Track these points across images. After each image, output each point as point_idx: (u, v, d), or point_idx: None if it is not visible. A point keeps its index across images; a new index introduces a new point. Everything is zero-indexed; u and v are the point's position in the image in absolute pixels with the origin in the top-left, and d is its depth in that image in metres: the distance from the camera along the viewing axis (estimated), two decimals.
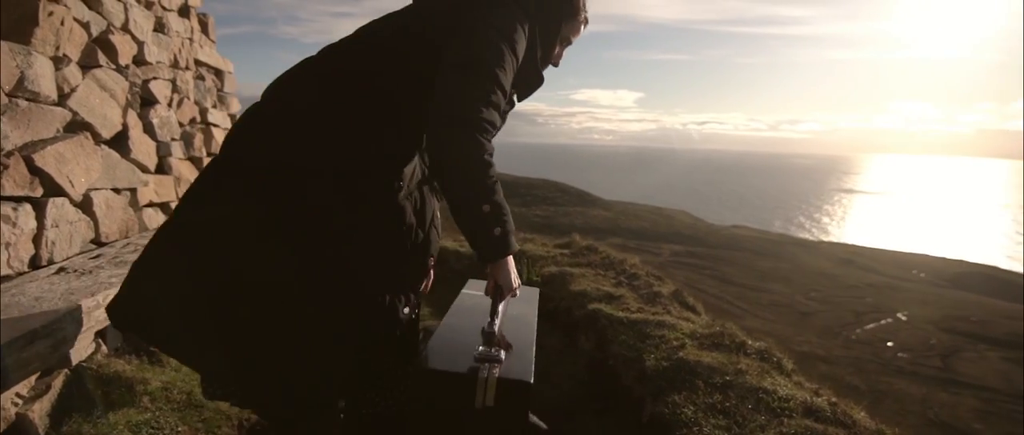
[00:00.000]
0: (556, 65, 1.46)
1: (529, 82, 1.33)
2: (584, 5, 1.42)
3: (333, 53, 1.23)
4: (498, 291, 1.26)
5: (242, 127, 1.24)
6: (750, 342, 2.38)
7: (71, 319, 1.27)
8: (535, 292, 1.91)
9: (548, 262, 3.77)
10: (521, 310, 1.64)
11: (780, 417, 1.82)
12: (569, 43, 1.45)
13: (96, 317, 1.40)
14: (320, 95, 1.17)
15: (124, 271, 1.76)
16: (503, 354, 1.24)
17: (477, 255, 1.20)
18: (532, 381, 1.19)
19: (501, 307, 1.32)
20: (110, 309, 1.16)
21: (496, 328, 1.28)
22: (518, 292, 1.29)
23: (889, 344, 14.72)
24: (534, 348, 1.39)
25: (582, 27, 1.44)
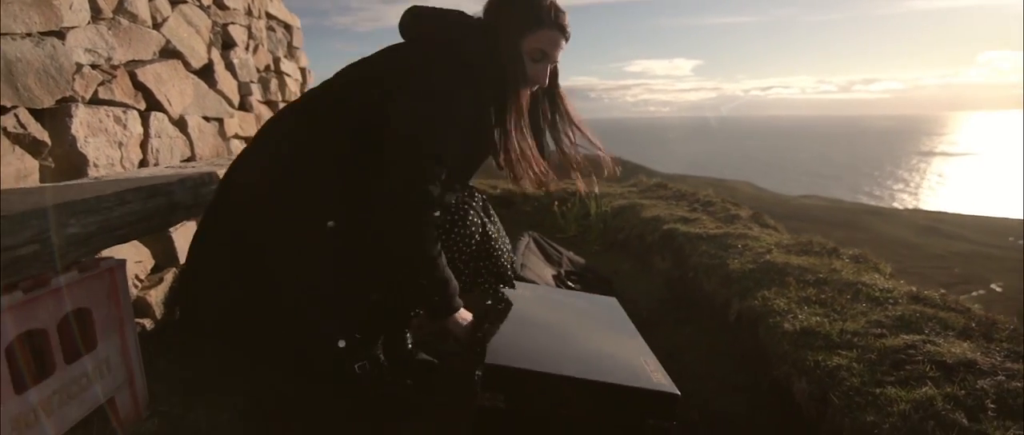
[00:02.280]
0: (542, 84, 1.36)
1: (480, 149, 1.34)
2: (549, 16, 1.30)
3: (307, 104, 1.34)
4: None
5: (240, 158, 1.36)
6: (843, 249, 2.26)
7: (181, 188, 1.36)
8: (613, 302, 1.75)
9: (616, 197, 3.71)
10: (616, 323, 1.55)
11: (883, 304, 1.71)
12: (548, 58, 1.33)
13: (203, 195, 1.49)
14: (290, 144, 1.28)
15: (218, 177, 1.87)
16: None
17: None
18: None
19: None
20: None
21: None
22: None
23: None
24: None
25: (561, 39, 1.32)
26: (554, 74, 1.42)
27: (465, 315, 1.30)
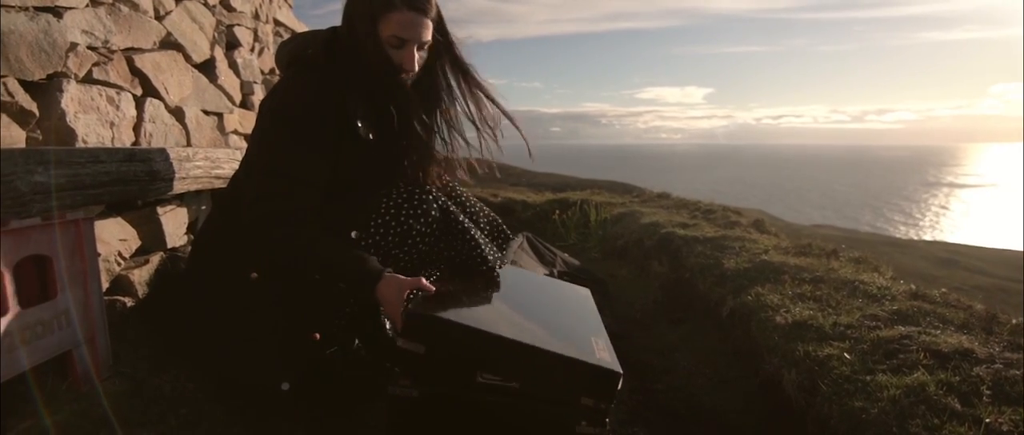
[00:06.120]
0: (410, 69, 1.28)
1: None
2: None
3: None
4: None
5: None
6: (843, 250, 2.20)
7: (162, 157, 1.36)
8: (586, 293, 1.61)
9: (616, 206, 3.68)
10: (581, 309, 1.42)
11: (880, 301, 1.66)
12: (409, 42, 1.24)
13: (187, 169, 1.49)
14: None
15: (210, 163, 1.87)
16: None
17: None
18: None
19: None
20: None
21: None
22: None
23: None
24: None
25: (419, 17, 1.24)
26: (449, 48, 1.36)
27: (394, 285, 1.13)
